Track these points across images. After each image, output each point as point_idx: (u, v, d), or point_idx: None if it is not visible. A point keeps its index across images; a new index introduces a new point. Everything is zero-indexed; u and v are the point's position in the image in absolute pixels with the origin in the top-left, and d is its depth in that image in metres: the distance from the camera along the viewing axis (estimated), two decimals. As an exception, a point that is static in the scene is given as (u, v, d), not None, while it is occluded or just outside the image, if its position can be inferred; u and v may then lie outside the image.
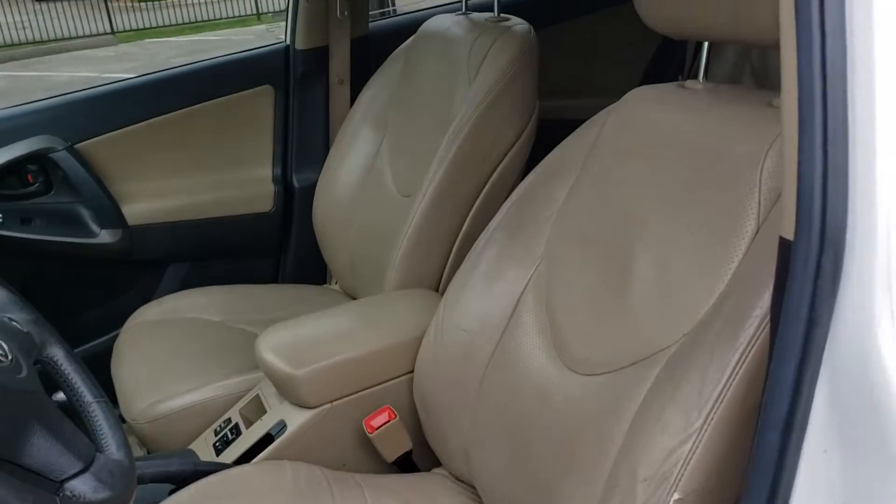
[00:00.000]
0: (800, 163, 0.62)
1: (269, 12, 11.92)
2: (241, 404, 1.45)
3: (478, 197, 1.59)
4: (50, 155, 1.81)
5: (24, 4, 11.43)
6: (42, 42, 10.86)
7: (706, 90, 1.09)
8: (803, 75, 0.61)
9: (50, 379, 0.91)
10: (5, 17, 10.74)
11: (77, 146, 1.85)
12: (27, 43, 10.67)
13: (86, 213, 1.87)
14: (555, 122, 1.63)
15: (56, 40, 10.91)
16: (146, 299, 1.97)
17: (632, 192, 1.09)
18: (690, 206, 0.98)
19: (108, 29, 11.48)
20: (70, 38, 11.03)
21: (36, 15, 11.25)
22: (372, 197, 1.81)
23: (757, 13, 0.88)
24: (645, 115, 1.13)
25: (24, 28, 10.89)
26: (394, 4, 10.15)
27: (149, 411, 1.47)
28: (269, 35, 8.73)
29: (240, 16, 12.10)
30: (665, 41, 2.43)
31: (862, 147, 0.61)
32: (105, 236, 1.87)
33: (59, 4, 11.51)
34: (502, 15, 1.66)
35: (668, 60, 2.42)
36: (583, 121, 2.29)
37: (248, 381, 1.50)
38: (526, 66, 1.56)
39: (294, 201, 2.08)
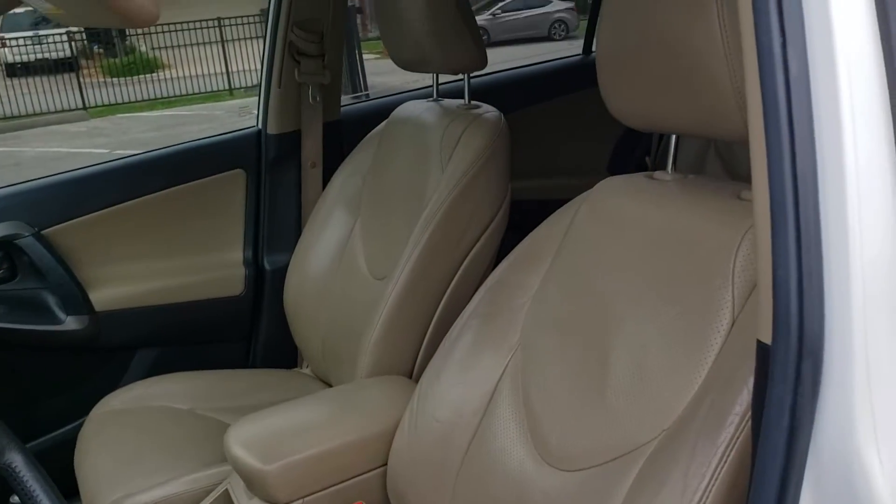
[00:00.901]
0: (774, 268, 0.62)
1: (241, 87, 12.05)
2: (209, 500, 1.40)
3: (451, 281, 1.59)
4: (16, 241, 1.78)
5: (-3, 79, 11.50)
6: (14, 117, 10.87)
7: (675, 181, 1.11)
8: (774, 181, 0.61)
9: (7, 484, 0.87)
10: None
11: (44, 232, 1.82)
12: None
13: (51, 300, 1.83)
14: (526, 202, 1.64)
15: (28, 115, 10.93)
16: (113, 386, 1.92)
17: (606, 282, 1.09)
18: (665, 298, 0.98)
19: (79, 104, 11.52)
20: (42, 114, 11.05)
21: (8, 90, 11.28)
22: (344, 280, 1.80)
23: (726, 114, 0.90)
24: (616, 205, 1.14)
25: (-5, 104, 10.91)
26: (367, 88, 10.27)
27: None
28: (244, 112, 8.81)
29: (212, 91, 12.21)
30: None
31: (836, 250, 0.61)
32: (71, 323, 1.83)
33: (31, 79, 11.56)
34: (473, 102, 1.69)
35: (635, 142, 2.47)
36: (554, 201, 2.30)
37: (218, 475, 1.45)
38: (497, 152, 1.58)
39: (265, 284, 2.06)
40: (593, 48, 2.51)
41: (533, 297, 1.21)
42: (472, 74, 1.66)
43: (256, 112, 2.08)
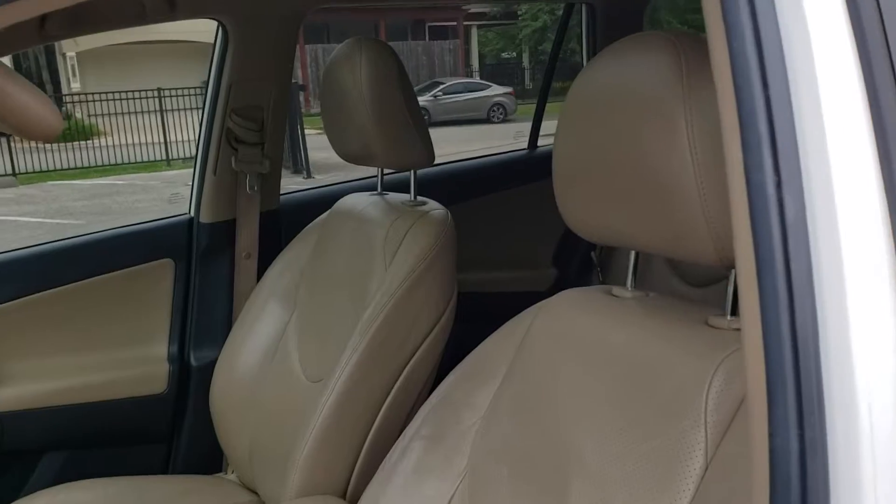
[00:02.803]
0: (772, 444, 0.54)
1: (179, 158, 11.87)
2: None
3: (392, 387, 1.48)
4: (-89, 333, 1.62)
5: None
6: (-63, 181, 10.46)
7: (636, 299, 1.04)
8: (771, 348, 0.54)
9: None
10: None
11: None
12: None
13: (-53, 399, 1.66)
14: (471, 294, 1.57)
15: (-48, 180, 10.54)
16: (14, 495, 1.74)
17: (563, 409, 1.00)
18: (629, 436, 0.90)
19: (8, 170, 11.16)
20: (-34, 179, 10.67)
21: (-68, 154, 10.90)
22: (276, 380, 1.68)
23: (695, 238, 0.84)
24: (573, 321, 1.07)
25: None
26: (308, 164, 10.21)
27: None
28: (175, 198, 8.58)
29: (149, 161, 12.00)
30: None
31: (842, 419, 0.54)
32: None
33: (-42, 144, 11.20)
34: (419, 198, 1.62)
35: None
36: (499, 294, 2.23)
37: None
38: (443, 252, 1.50)
39: (190, 382, 1.91)
40: (538, 143, 2.50)
41: (482, 417, 1.11)
42: None
43: (189, 198, 1.97)
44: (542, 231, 2.36)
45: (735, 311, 0.91)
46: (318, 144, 10.90)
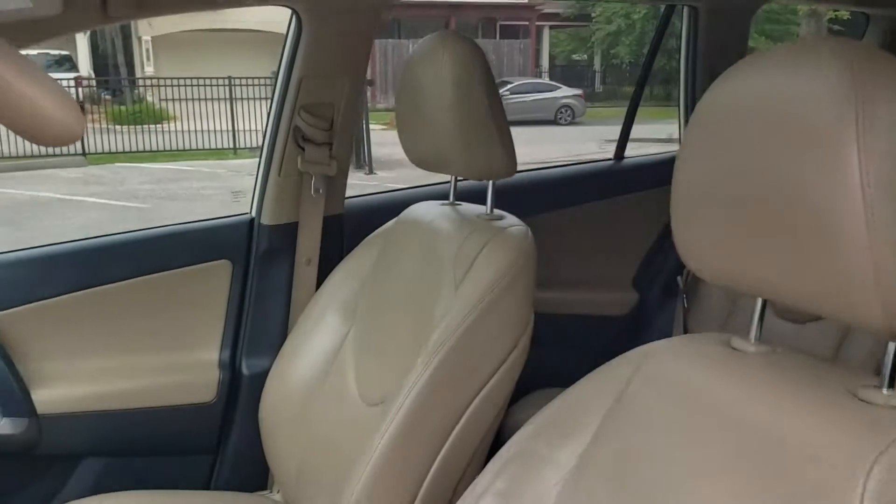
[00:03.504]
0: None
1: (245, 147, 11.94)
2: None
3: (460, 419, 1.33)
4: (-47, 328, 1.54)
5: (-1, 119, 11.33)
6: (12, 158, 10.68)
7: (761, 355, 0.88)
8: None
9: None
10: (-24, 130, 10.60)
11: None
12: (-5, 158, 10.48)
13: (-14, 398, 1.57)
14: (542, 315, 1.41)
15: (27, 157, 10.74)
16: (49, 498, 1.66)
17: (667, 478, 0.84)
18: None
19: (79, 150, 11.36)
20: (41, 157, 10.87)
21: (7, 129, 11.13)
22: (330, 398, 1.55)
23: (856, 298, 0.67)
24: (685, 376, 0.90)
25: (-5, 142, 10.75)
26: (371, 160, 10.18)
27: None
28: (237, 196, 8.61)
29: (216, 148, 12.09)
30: (662, 236, 2.29)
31: None
32: (6, 426, 1.57)
33: (34, 121, 11.44)
34: (496, 211, 1.47)
35: (666, 258, 2.27)
36: (573, 317, 2.05)
37: None
38: (521, 274, 1.35)
39: (240, 392, 1.80)
40: (625, 153, 2.32)
41: (566, 479, 0.96)
42: None
43: (251, 197, 1.86)
44: (624, 250, 2.20)
45: (893, 384, 0.75)
46: (381, 140, 10.85)
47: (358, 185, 1.81)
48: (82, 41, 16.77)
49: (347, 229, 1.87)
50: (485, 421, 1.33)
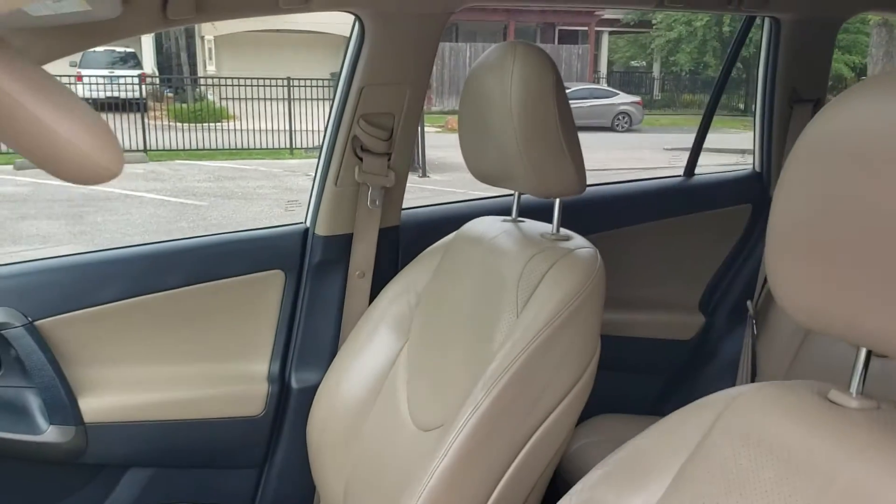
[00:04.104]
0: None
1: (301, 147, 12.03)
2: None
3: (520, 451, 1.25)
4: (3, 331, 1.51)
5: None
6: (74, 152, 10.93)
7: (864, 413, 0.78)
8: None
9: None
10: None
11: (38, 323, 1.55)
12: (59, 152, 10.73)
13: (34, 404, 1.55)
14: (605, 338, 1.33)
15: (88, 152, 10.98)
16: (94, 509, 1.63)
17: None
18: None
19: (141, 146, 11.58)
20: (102, 151, 11.09)
21: (74, 125, 11.39)
22: (381, 419, 1.49)
23: None
24: (774, 430, 0.81)
25: (59, 136, 11.00)
26: (425, 163, 10.11)
27: None
28: (291, 205, 8.66)
29: (273, 148, 12.21)
30: (732, 257, 2.19)
31: None
32: (53, 434, 1.54)
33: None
34: (562, 231, 1.39)
35: (735, 277, 2.16)
36: (636, 340, 1.95)
37: None
38: (589, 300, 1.26)
39: (289, 406, 1.75)
40: (696, 170, 2.22)
41: (635, 533, 0.88)
42: None
43: (306, 207, 1.81)
44: (691, 271, 2.10)
45: None
46: (435, 143, 10.82)
47: (411, 187, 1.74)
48: (147, 39, 17.11)
49: (403, 242, 1.81)
50: (546, 453, 1.26)
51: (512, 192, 1.48)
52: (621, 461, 0.95)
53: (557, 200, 1.37)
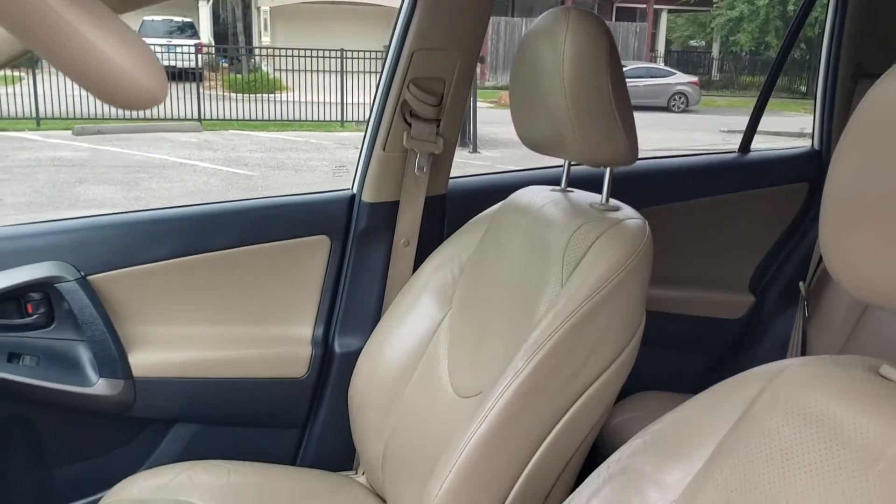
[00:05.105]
0: None
1: (352, 120, 12.08)
2: None
3: (559, 421, 1.24)
4: (57, 285, 1.55)
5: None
6: (131, 119, 11.15)
7: None
8: None
9: None
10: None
11: (90, 278, 1.59)
12: (116, 119, 10.94)
13: (85, 357, 1.59)
14: (651, 314, 1.31)
15: (144, 119, 11.19)
16: (141, 461, 1.67)
17: None
18: None
19: (195, 115, 11.75)
20: (157, 119, 11.29)
21: (131, 93, 11.60)
22: (421, 386, 1.50)
23: None
24: (822, 405, 0.79)
25: (117, 104, 11.21)
26: (476, 138, 10.08)
27: None
28: (339, 171, 8.71)
29: (324, 120, 12.28)
30: (785, 237, 2.13)
31: None
32: (103, 386, 1.58)
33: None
34: (612, 201, 1.37)
35: (788, 257, 2.11)
36: (683, 317, 1.92)
37: None
38: (636, 271, 1.24)
39: (331, 370, 1.77)
40: (751, 146, 2.16)
41: (674, 502, 0.86)
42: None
43: (353, 173, 1.81)
44: (742, 249, 2.05)
45: None
46: (487, 118, 10.76)
47: (461, 163, 1.71)
48: (205, 9, 17.31)
49: (449, 211, 1.81)
50: (585, 425, 1.25)
51: (562, 164, 1.46)
52: (661, 431, 0.94)
53: (608, 170, 1.35)
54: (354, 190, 1.79)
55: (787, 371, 0.85)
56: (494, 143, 10.23)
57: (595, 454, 1.39)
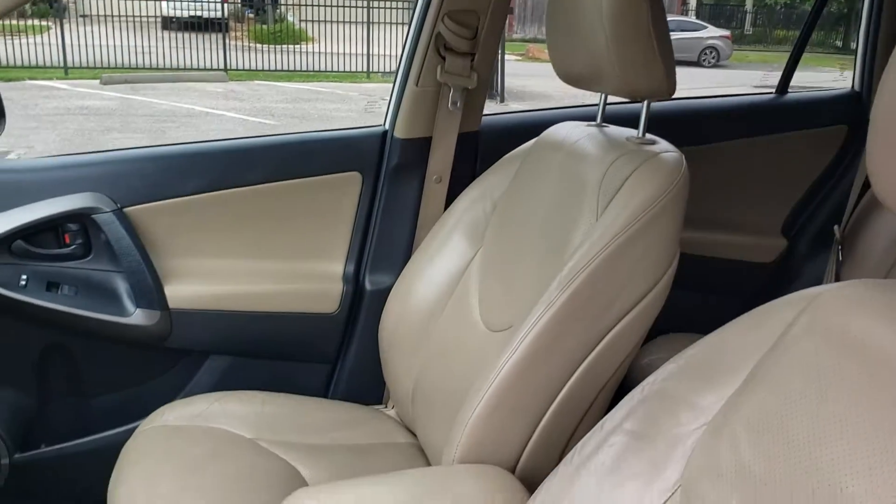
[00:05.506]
0: None
1: (378, 72, 11.99)
2: None
3: (590, 354, 1.25)
4: (94, 216, 1.57)
5: (150, 30, 11.82)
6: (158, 69, 11.15)
7: None
8: None
9: None
10: (129, 41, 11.05)
11: (126, 210, 1.61)
12: (143, 68, 10.95)
13: (122, 287, 1.62)
14: (682, 256, 1.31)
15: (171, 69, 11.18)
16: (176, 391, 1.71)
17: (829, 437, 0.74)
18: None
19: (221, 65, 11.71)
20: (184, 69, 11.28)
21: (158, 42, 11.59)
22: (451, 321, 1.51)
23: None
24: (859, 328, 0.79)
25: (144, 53, 11.21)
26: (503, 90, 9.97)
27: None
28: (371, 107, 8.66)
29: (349, 71, 12.19)
30: (821, 180, 2.10)
31: None
32: (140, 317, 1.61)
33: (182, 35, 11.83)
34: (648, 135, 1.35)
35: (820, 206, 2.08)
36: (715, 260, 1.90)
37: None
38: (671, 205, 1.24)
39: (362, 306, 1.78)
40: (789, 88, 2.12)
41: (708, 426, 0.87)
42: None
43: (385, 110, 1.81)
44: (777, 192, 2.03)
45: None
46: (515, 71, 10.64)
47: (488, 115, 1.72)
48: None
49: (482, 148, 1.80)
50: (615, 359, 1.25)
51: (596, 99, 1.44)
52: (696, 356, 0.94)
53: (645, 103, 1.33)
54: (387, 126, 1.79)
55: (825, 295, 0.85)
56: (522, 95, 10.12)
57: (623, 394, 1.40)
